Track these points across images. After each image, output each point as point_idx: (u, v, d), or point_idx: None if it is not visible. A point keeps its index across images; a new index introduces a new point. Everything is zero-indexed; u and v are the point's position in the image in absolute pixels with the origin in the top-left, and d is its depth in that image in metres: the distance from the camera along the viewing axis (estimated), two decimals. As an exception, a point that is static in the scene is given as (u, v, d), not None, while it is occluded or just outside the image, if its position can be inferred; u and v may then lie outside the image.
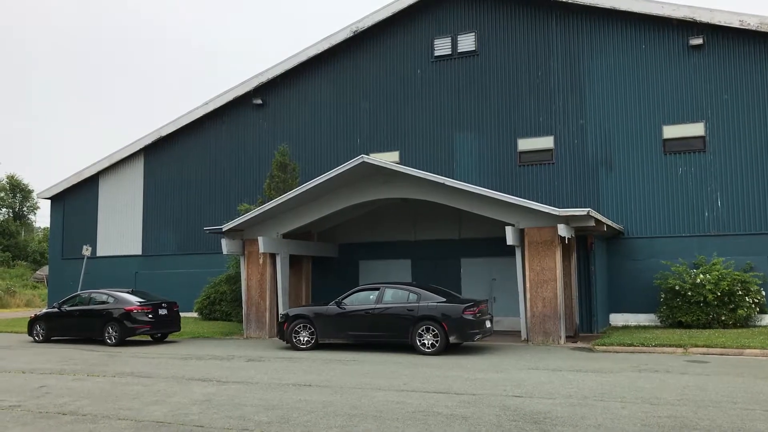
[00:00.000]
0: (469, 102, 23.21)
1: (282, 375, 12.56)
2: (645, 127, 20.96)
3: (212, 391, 11.00)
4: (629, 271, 20.70)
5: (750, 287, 18.54)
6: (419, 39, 24.17)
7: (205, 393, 10.79)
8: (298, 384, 11.51)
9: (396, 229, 22.64)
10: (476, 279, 21.48)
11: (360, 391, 10.66)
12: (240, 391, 10.95)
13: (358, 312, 16.20)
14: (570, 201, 21.18)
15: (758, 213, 19.51)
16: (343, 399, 10.07)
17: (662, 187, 20.61)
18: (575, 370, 12.66)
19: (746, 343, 15.03)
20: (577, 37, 22.03)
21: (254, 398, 10.26)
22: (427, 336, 15.30)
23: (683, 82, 20.66)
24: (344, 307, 16.43)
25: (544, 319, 16.95)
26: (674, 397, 9.73)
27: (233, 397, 10.36)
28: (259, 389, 11.06)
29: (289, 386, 11.29)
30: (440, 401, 9.75)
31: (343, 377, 12.16)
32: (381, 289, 16.39)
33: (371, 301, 16.28)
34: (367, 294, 16.58)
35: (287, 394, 10.53)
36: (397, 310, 15.75)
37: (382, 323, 15.87)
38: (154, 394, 10.74)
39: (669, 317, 19.19)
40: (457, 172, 22.71)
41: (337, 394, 10.51)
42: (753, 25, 19.61)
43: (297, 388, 11.15)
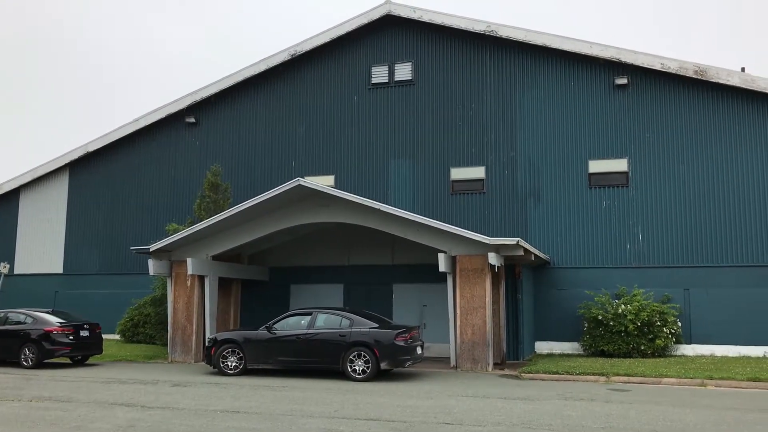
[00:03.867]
0: (404, 130, 23.52)
1: (209, 401, 12.28)
2: (572, 160, 21.72)
3: (137, 416, 10.65)
4: (555, 300, 21.26)
5: (667, 318, 19.33)
6: (357, 65, 24.40)
7: (129, 419, 10.43)
8: (227, 410, 11.27)
9: (329, 253, 22.59)
10: (408, 305, 21.61)
11: (290, 418, 10.54)
12: (166, 417, 10.65)
13: (289, 337, 16.03)
14: (500, 230, 21.65)
15: (676, 247, 20.43)
16: (273, 426, 9.92)
17: (587, 219, 21.35)
18: (503, 397, 12.87)
19: (664, 372, 15.63)
20: (510, 72, 22.72)
21: (181, 425, 9.99)
22: (358, 362, 15.26)
23: (608, 119, 21.56)
24: (275, 331, 16.23)
25: (473, 346, 17.19)
26: (599, 425, 10.02)
27: (159, 424, 10.06)
28: (186, 415, 10.78)
29: (217, 413, 11.05)
30: (371, 428, 9.74)
31: (273, 404, 11.98)
32: (313, 314, 16.29)
33: (303, 326, 16.14)
34: (298, 319, 16.44)
35: (215, 421, 10.30)
36: (329, 336, 15.67)
37: (313, 349, 15.75)
38: (75, 420, 10.32)
39: (592, 346, 19.77)
40: (392, 198, 22.91)
41: (266, 421, 10.35)
42: (673, 69, 20.69)
43: (225, 414, 10.92)
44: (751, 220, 19.87)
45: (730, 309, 19.65)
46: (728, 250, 19.96)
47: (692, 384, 14.81)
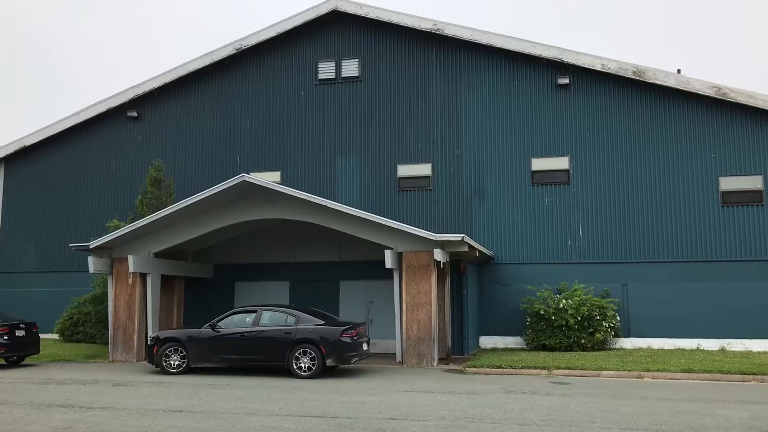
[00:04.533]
0: (351, 126, 23.52)
1: (151, 400, 12.07)
2: (515, 158, 22.09)
3: (75, 417, 10.39)
4: (499, 295, 21.61)
5: (607, 312, 19.87)
6: (304, 61, 24.27)
7: (67, 420, 10.18)
8: (168, 410, 11.10)
9: (275, 250, 22.44)
10: (354, 302, 21.65)
11: (234, 417, 10.45)
12: (105, 417, 10.42)
13: (234, 335, 15.87)
14: (446, 227, 21.87)
15: (615, 243, 21.01)
16: (216, 425, 9.83)
17: (530, 216, 21.76)
18: (448, 392, 13.04)
19: (603, 365, 16.09)
20: (456, 70, 22.95)
21: (121, 425, 9.80)
22: (304, 359, 15.22)
23: (551, 118, 22.00)
24: (219, 329, 16.04)
25: (418, 342, 17.34)
26: (540, 418, 10.26)
27: (98, 425, 9.85)
28: (127, 415, 10.57)
29: (159, 412, 10.88)
30: (317, 425, 9.74)
31: (217, 402, 11.86)
32: (258, 312, 16.16)
33: (248, 323, 16.01)
34: (243, 316, 16.30)
35: (157, 421, 10.14)
36: (275, 333, 15.59)
37: (258, 346, 15.63)
38: (10, 423, 10.01)
39: (534, 340, 20.18)
40: (339, 194, 22.88)
41: (209, 419, 10.24)
42: (613, 69, 21.25)
43: (167, 413, 10.76)
44: (686, 217, 20.58)
45: (665, 303, 20.33)
46: (664, 246, 20.64)
47: (630, 376, 15.28)
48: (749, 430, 9.40)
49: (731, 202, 20.33)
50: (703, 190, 20.57)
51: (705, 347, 19.69)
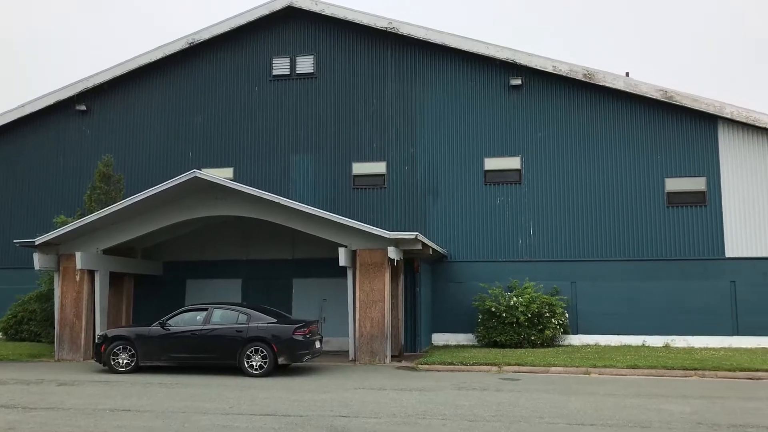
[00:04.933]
0: (306, 123, 23.42)
1: (98, 400, 11.83)
2: (469, 158, 22.32)
3: (17, 418, 10.12)
4: (451, 293, 21.81)
5: (556, 310, 20.25)
6: (258, 57, 24.06)
7: (9, 421, 9.91)
8: (116, 409, 10.91)
9: (227, 247, 22.21)
10: (308, 299, 21.58)
11: (183, 416, 10.33)
12: (50, 418, 10.18)
13: (184, 333, 15.66)
14: (400, 225, 21.97)
15: (564, 242, 21.43)
16: (165, 424, 9.70)
17: (483, 215, 22.02)
18: (400, 388, 13.12)
19: (552, 362, 16.40)
20: (411, 69, 23.06)
21: (66, 426, 9.59)
22: (255, 357, 15.12)
23: (503, 118, 22.30)
24: (169, 328, 15.81)
25: (371, 339, 17.39)
26: (490, 414, 10.41)
27: (42, 425, 9.61)
28: (72, 416, 10.35)
29: (106, 412, 10.68)
30: (268, 423, 9.70)
31: (166, 401, 11.70)
32: (209, 310, 15.99)
33: (198, 321, 15.82)
34: (194, 314, 16.09)
35: (103, 421, 9.95)
36: (226, 332, 15.44)
37: (209, 345, 15.46)
38: (-52, 425, 9.69)
39: (485, 337, 20.43)
40: (293, 192, 22.77)
41: (158, 419, 10.10)
42: (564, 71, 21.65)
43: (115, 413, 10.57)
44: (633, 217, 21.11)
45: (613, 301, 20.83)
46: (612, 245, 21.14)
47: (578, 372, 15.60)
48: (689, 423, 9.71)
49: (676, 203, 20.94)
50: (650, 190, 21.13)
51: (650, 344, 20.24)
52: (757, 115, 20.41)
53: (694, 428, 9.39)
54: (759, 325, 19.92)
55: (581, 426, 9.55)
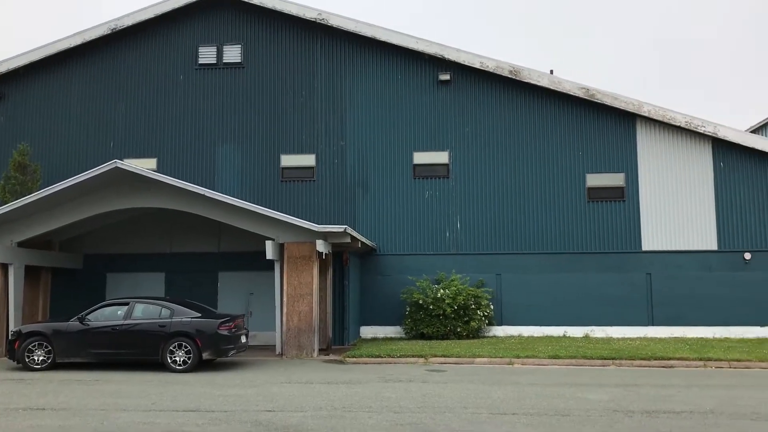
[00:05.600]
0: (233, 114, 23.00)
1: (11, 398, 11.33)
2: (398, 152, 22.43)
3: None
4: (380, 286, 21.91)
5: (481, 302, 20.63)
6: (184, 45, 23.46)
7: None
8: (30, 408, 10.48)
9: (150, 240, 21.62)
10: (234, 293, 21.26)
11: (102, 413, 10.01)
12: (-43, 419, 9.68)
13: (104, 328, 15.17)
14: (329, 218, 21.89)
15: (490, 235, 21.84)
16: (83, 422, 9.38)
17: (411, 208, 22.18)
18: (326, 382, 13.10)
19: (477, 353, 16.71)
20: (341, 61, 22.96)
21: (-25, 427, 9.14)
22: (179, 353, 14.79)
23: (432, 112, 22.50)
24: (88, 323, 15.28)
25: (299, 333, 17.29)
26: (415, 405, 10.51)
27: (-52, 428, 9.13)
28: (-18, 417, 9.87)
29: (20, 411, 10.24)
30: (190, 419, 9.51)
31: (84, 399, 11.31)
32: (131, 304, 15.54)
33: (119, 316, 15.35)
34: (114, 309, 15.60)
35: (17, 420, 9.54)
36: (148, 326, 15.05)
37: (130, 340, 15.03)
38: None
39: (413, 329, 20.63)
40: (219, 184, 22.35)
41: (75, 417, 9.76)
42: (491, 68, 22.01)
43: (29, 412, 10.14)
44: (555, 211, 21.69)
45: (536, 293, 21.38)
46: (536, 238, 21.68)
47: (502, 363, 15.94)
48: (607, 411, 10.07)
49: (596, 198, 21.64)
50: (572, 185, 21.76)
51: (571, 334, 20.89)
52: (673, 114, 21.30)
53: (610, 416, 9.74)
54: (672, 316, 20.85)
55: (504, 415, 9.76)
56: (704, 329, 20.60)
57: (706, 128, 21.16)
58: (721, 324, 20.61)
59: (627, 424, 9.14)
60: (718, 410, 10.09)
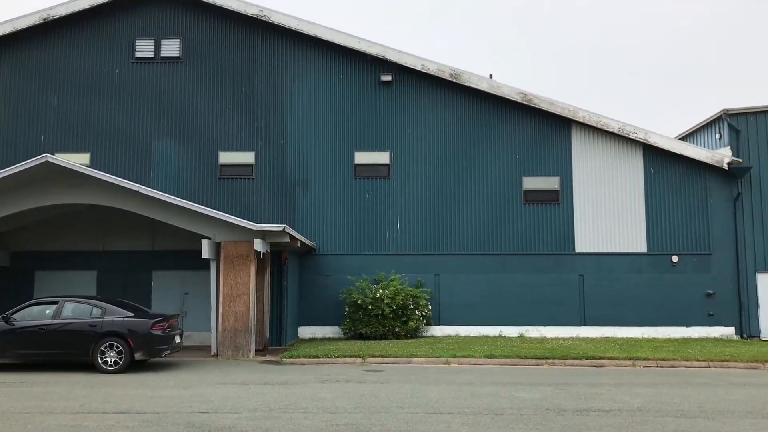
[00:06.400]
0: (170, 109, 22.52)
1: (-72, 403, 10.80)
2: (339, 151, 22.39)
3: None
4: (319, 286, 21.82)
5: (420, 302, 20.80)
6: (120, 37, 22.83)
7: None
8: (-51, 412, 10.01)
9: (81, 237, 20.97)
10: (169, 293, 20.81)
11: (27, 416, 9.65)
12: None
13: (31, 328, 14.62)
14: (268, 217, 21.69)
15: (429, 236, 22.03)
16: (5, 426, 9.02)
17: (352, 208, 22.18)
18: (262, 383, 12.96)
19: (414, 352, 16.82)
20: (282, 59, 22.77)
21: None
22: (110, 353, 14.39)
23: (374, 113, 22.55)
24: (14, 322, 14.70)
25: (235, 333, 17.06)
26: (351, 406, 10.51)
27: None
28: None
29: (-63, 416, 9.76)
30: (121, 421, 9.27)
31: (8, 401, 10.87)
32: (60, 303, 15.03)
33: (48, 316, 14.83)
34: (42, 308, 15.06)
35: (-67, 425, 9.09)
36: (78, 326, 14.58)
37: (59, 340, 14.54)
38: None
39: (351, 329, 20.63)
40: (155, 180, 21.86)
41: (-2, 421, 9.37)
42: (432, 70, 22.20)
43: (-53, 417, 9.69)
44: (493, 213, 22.04)
45: (473, 293, 21.68)
46: (473, 239, 21.97)
47: (438, 362, 16.10)
48: (539, 410, 10.29)
49: (532, 201, 22.08)
50: (509, 188, 22.15)
51: (506, 334, 21.26)
52: (607, 120, 21.92)
53: (543, 414, 9.95)
54: (603, 316, 21.46)
55: (439, 414, 9.86)
56: (634, 329, 21.29)
57: (638, 134, 21.87)
58: (650, 324, 21.34)
59: (558, 423, 9.35)
60: (645, 408, 10.44)
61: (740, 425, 9.26)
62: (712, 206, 21.94)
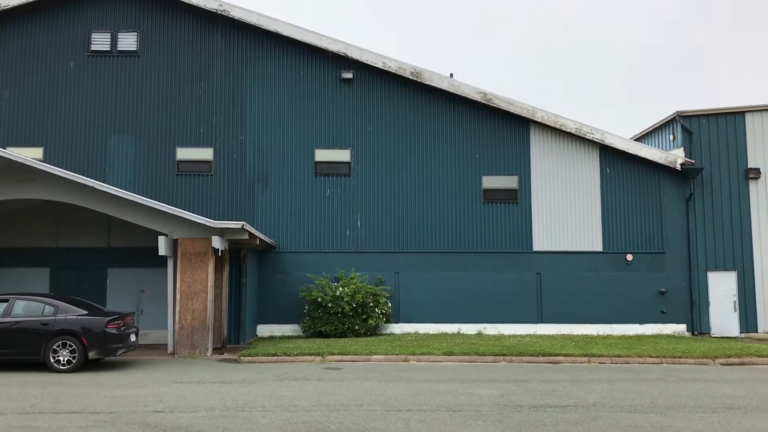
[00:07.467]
0: (127, 104, 22.11)
1: None
2: (300, 148, 22.27)
3: None
4: (278, 283, 21.68)
5: (380, 299, 20.82)
6: (75, 30, 22.32)
7: None
8: None
9: (34, 234, 20.45)
10: (124, 290, 20.44)
11: (-25, 418, 9.37)
12: None
13: (-20, 327, 14.21)
14: (226, 214, 21.46)
15: (390, 234, 22.07)
16: (-48, 428, 8.75)
17: (312, 205, 22.09)
18: (220, 381, 12.83)
19: (373, 350, 16.83)
20: (241, 54, 22.54)
21: None
22: (63, 352, 14.07)
23: (335, 110, 22.48)
24: (-39, 321, 14.27)
25: (192, 332, 16.85)
26: (310, 404, 10.47)
27: None
28: None
29: None
30: (73, 422, 9.07)
31: (-46, 403, 10.55)
32: (10, 301, 14.63)
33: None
34: (-8, 306, 14.65)
35: None
36: (29, 324, 14.22)
37: (10, 339, 14.15)
38: None
39: (311, 327, 20.55)
40: (111, 176, 21.44)
41: (-56, 423, 9.08)
42: (393, 68, 22.23)
43: None
44: (453, 212, 22.18)
45: (432, 291, 21.79)
46: (433, 237, 22.09)
47: (398, 360, 16.15)
48: (496, 406, 10.39)
49: (492, 199, 22.29)
50: (469, 187, 22.31)
51: (465, 331, 21.43)
52: (564, 120, 22.24)
53: (500, 410, 10.05)
54: (560, 313, 21.79)
55: (398, 412, 9.88)
56: (589, 326, 21.67)
57: (595, 135, 22.24)
58: (605, 321, 21.73)
59: (516, 419, 9.46)
60: (600, 404, 10.63)
61: (690, 419, 9.50)
62: (666, 206, 22.45)
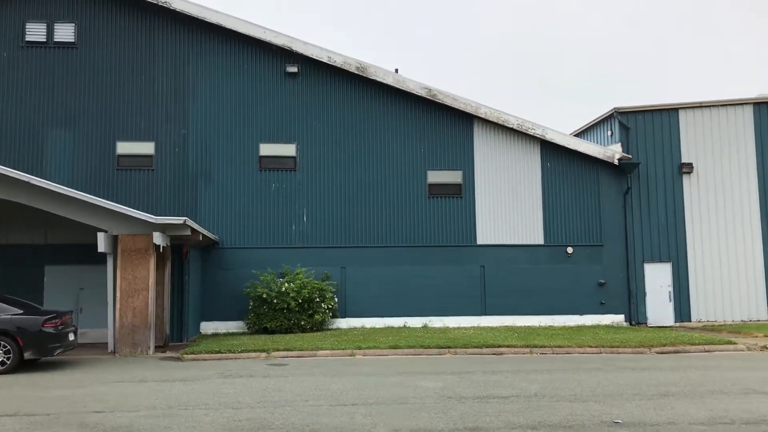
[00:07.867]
0: (65, 96, 21.46)
1: None
2: (244, 142, 22.02)
3: None
4: (222, 280, 21.42)
5: (326, 294, 20.79)
6: (8, 19, 21.52)
7: None
8: None
9: (-35, 230, 19.70)
10: (62, 288, 19.86)
11: None
12: None
13: None
14: (169, 209, 21.06)
15: (336, 229, 22.05)
16: None
17: (257, 201, 21.88)
18: (162, 380, 12.62)
19: (319, 345, 16.81)
20: (183, 47, 22.13)
21: None
22: (-4, 353, 13.62)
23: (280, 104, 22.30)
24: None
25: (133, 330, 16.51)
26: (254, 400, 10.40)
27: None
28: None
29: None
30: (6, 426, 8.79)
31: None
32: (-60, 301, 14.08)
33: (-74, 314, 13.84)
34: None
35: None
36: (-40, 325, 13.70)
37: (-62, 340, 13.61)
38: None
39: (256, 324, 20.38)
40: (48, 171, 20.79)
41: None
42: (338, 63, 22.18)
43: None
44: (398, 206, 22.30)
45: (378, 285, 21.89)
46: (379, 232, 22.17)
47: (344, 354, 16.16)
48: (441, 398, 10.52)
49: (436, 194, 22.50)
50: (414, 181, 22.46)
51: (411, 325, 21.60)
52: (507, 116, 22.59)
53: (445, 402, 10.18)
54: (503, 306, 22.16)
55: (343, 406, 9.91)
56: (532, 318, 22.11)
57: (536, 131, 22.66)
58: (546, 313, 22.22)
59: (459, 410, 9.59)
60: (541, 393, 10.87)
61: (628, 407, 9.81)
62: (604, 200, 23.06)
